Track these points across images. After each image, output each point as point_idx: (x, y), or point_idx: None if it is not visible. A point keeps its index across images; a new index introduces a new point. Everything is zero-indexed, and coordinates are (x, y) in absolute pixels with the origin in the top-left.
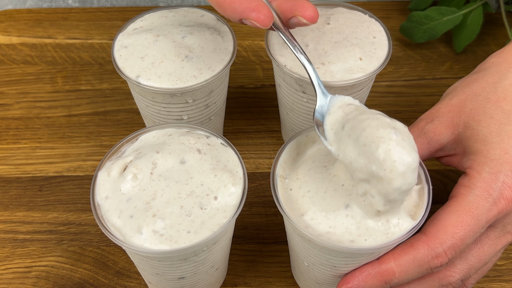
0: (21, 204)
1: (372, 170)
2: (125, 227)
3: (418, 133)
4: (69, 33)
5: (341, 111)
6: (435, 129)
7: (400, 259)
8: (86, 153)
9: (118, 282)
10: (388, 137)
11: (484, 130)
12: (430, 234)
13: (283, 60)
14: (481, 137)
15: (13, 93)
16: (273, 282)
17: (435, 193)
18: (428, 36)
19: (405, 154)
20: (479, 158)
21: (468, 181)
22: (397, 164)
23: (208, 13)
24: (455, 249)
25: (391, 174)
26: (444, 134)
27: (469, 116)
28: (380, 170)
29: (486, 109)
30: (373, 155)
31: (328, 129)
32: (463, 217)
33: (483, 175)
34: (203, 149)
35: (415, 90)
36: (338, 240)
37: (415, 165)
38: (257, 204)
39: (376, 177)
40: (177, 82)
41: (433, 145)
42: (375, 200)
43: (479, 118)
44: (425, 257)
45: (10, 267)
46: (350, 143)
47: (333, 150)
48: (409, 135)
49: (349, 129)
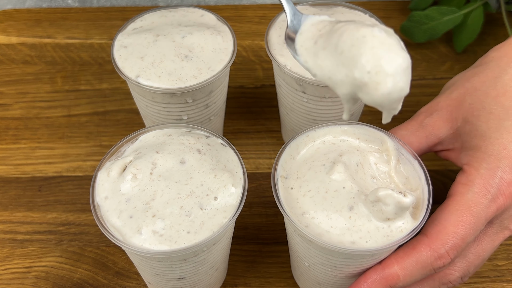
0: (20, 204)
1: (355, 77)
2: (124, 228)
3: (417, 127)
4: (68, 33)
5: (314, 28)
6: (433, 123)
7: (403, 263)
8: (86, 153)
9: (118, 283)
10: (371, 35)
11: (483, 125)
12: (431, 235)
13: (283, 60)
14: (480, 132)
15: (12, 93)
16: (273, 283)
17: (435, 193)
18: (428, 36)
19: (393, 52)
20: (477, 153)
21: (466, 179)
22: (384, 64)
23: (208, 13)
24: (457, 249)
25: (377, 77)
26: (442, 128)
27: (468, 111)
28: (363, 74)
29: (485, 104)
30: (354, 60)
31: (299, 47)
32: (463, 216)
33: (481, 172)
34: (203, 149)
35: (415, 90)
36: (338, 240)
37: (406, 65)
38: (257, 205)
39: (361, 85)
40: (177, 82)
41: (431, 139)
42: (388, 209)
43: (478, 113)
44: (428, 259)
45: (10, 268)
46: (326, 56)
47: (308, 64)
48: (395, 36)
49: (323, 41)
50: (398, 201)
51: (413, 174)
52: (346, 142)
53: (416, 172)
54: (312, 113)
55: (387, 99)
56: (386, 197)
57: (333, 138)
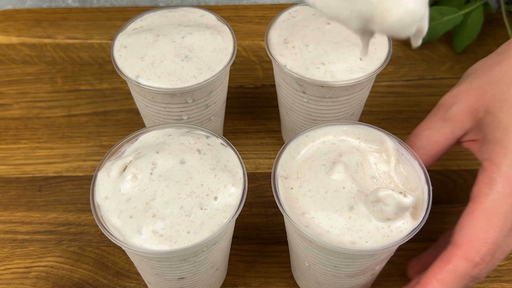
0: (20, 204)
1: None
2: (124, 228)
3: (440, 123)
4: (68, 33)
5: None
6: (456, 116)
7: (442, 278)
8: (86, 153)
9: (118, 283)
10: None
11: (506, 117)
12: (463, 245)
13: (283, 60)
14: (503, 125)
15: (12, 93)
16: (273, 283)
17: (435, 193)
18: (428, 36)
19: None
20: (498, 148)
21: (488, 177)
22: None
23: (208, 13)
24: (491, 253)
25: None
26: (466, 120)
27: (490, 102)
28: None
29: (507, 96)
30: None
31: None
32: (491, 219)
33: (503, 169)
34: (203, 149)
35: (415, 90)
36: (338, 240)
37: None
38: (257, 205)
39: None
40: (177, 82)
41: (457, 132)
42: (388, 209)
43: (501, 104)
44: (466, 269)
45: (10, 268)
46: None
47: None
48: None
49: None
50: (399, 202)
51: (413, 174)
52: (346, 142)
53: (416, 172)
54: (312, 113)
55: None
56: (386, 197)
57: (333, 138)
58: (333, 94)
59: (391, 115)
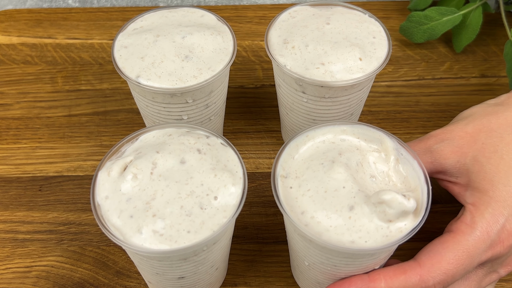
0: (21, 204)
1: None
2: (125, 227)
3: (425, 150)
4: (69, 33)
5: None
6: (442, 150)
7: (391, 282)
8: (86, 153)
9: (118, 282)
10: None
11: (492, 169)
12: (424, 265)
13: (283, 60)
14: (489, 175)
15: (13, 93)
16: (273, 282)
17: (434, 193)
18: (427, 36)
19: None
20: (484, 197)
21: (471, 220)
22: None
23: (208, 13)
24: (444, 284)
25: None
26: (449, 158)
27: (480, 150)
28: None
29: (498, 148)
30: None
31: None
32: (459, 256)
33: (486, 216)
34: (203, 149)
35: (414, 90)
36: (338, 240)
37: None
38: (257, 204)
39: None
40: (177, 82)
41: (436, 165)
42: (391, 212)
43: (490, 155)
44: (415, 286)
45: (10, 267)
46: None
47: None
48: None
49: None
50: (403, 207)
51: (412, 173)
52: (345, 141)
53: (415, 172)
54: (311, 113)
55: None
56: (391, 201)
57: (333, 138)
58: (332, 94)
59: (391, 115)
